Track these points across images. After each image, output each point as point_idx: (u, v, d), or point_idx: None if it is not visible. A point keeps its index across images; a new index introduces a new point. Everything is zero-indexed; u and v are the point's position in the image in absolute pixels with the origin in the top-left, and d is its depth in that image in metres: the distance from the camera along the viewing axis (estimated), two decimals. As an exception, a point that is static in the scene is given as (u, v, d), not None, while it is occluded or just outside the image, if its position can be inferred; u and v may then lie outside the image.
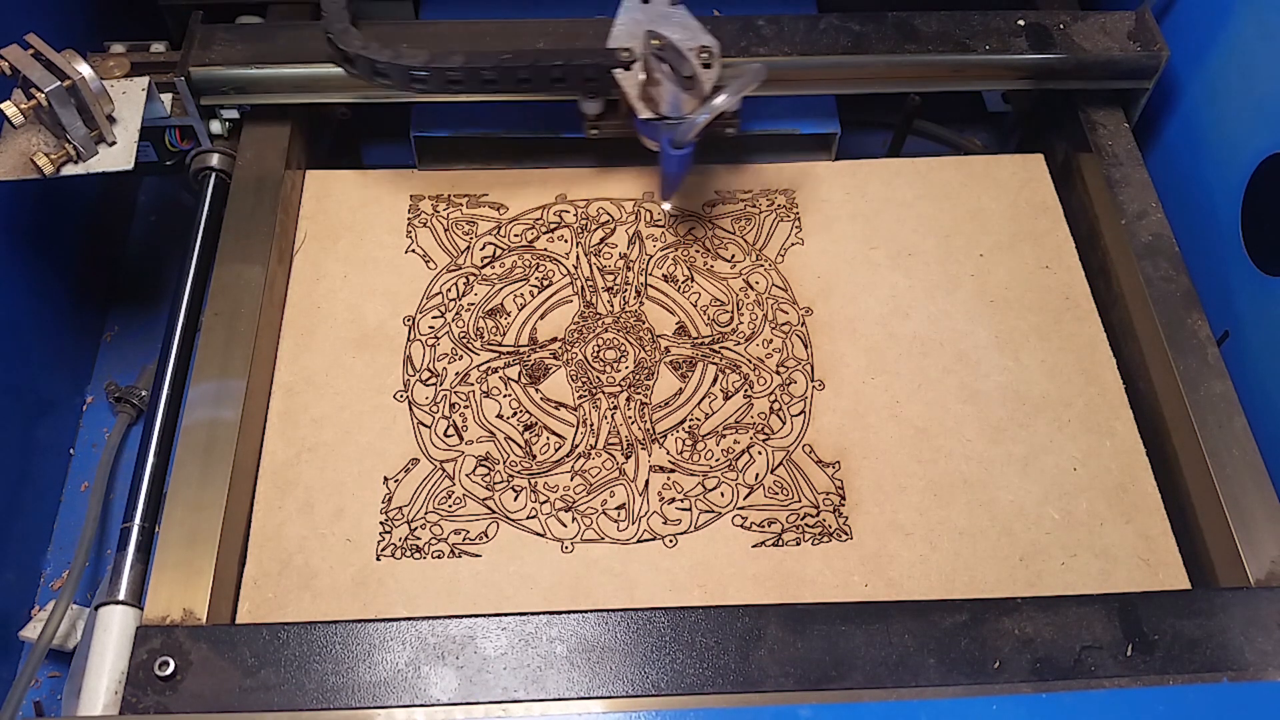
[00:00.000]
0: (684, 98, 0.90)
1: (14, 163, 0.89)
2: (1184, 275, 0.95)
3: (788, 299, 0.99)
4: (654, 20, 0.93)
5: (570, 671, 0.74)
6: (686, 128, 0.89)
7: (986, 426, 0.92)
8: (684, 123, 0.90)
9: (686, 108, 0.90)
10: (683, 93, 0.90)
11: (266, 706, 0.73)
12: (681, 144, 0.91)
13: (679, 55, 0.89)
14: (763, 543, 0.86)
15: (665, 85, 0.90)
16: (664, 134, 0.92)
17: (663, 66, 0.89)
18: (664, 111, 0.91)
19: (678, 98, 0.90)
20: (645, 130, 0.95)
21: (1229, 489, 0.84)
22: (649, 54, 0.90)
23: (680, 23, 0.93)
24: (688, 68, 0.89)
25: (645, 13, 0.93)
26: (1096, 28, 1.05)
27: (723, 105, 0.88)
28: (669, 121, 0.91)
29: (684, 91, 0.90)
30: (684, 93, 0.90)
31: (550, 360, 0.95)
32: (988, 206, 1.05)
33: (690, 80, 0.89)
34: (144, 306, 1.16)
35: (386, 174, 1.06)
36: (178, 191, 1.21)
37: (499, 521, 0.87)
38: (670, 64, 0.89)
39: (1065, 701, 0.68)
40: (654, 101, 0.91)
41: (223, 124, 1.03)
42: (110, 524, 1.01)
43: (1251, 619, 0.77)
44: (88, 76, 0.88)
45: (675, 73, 0.89)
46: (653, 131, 0.94)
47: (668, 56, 0.89)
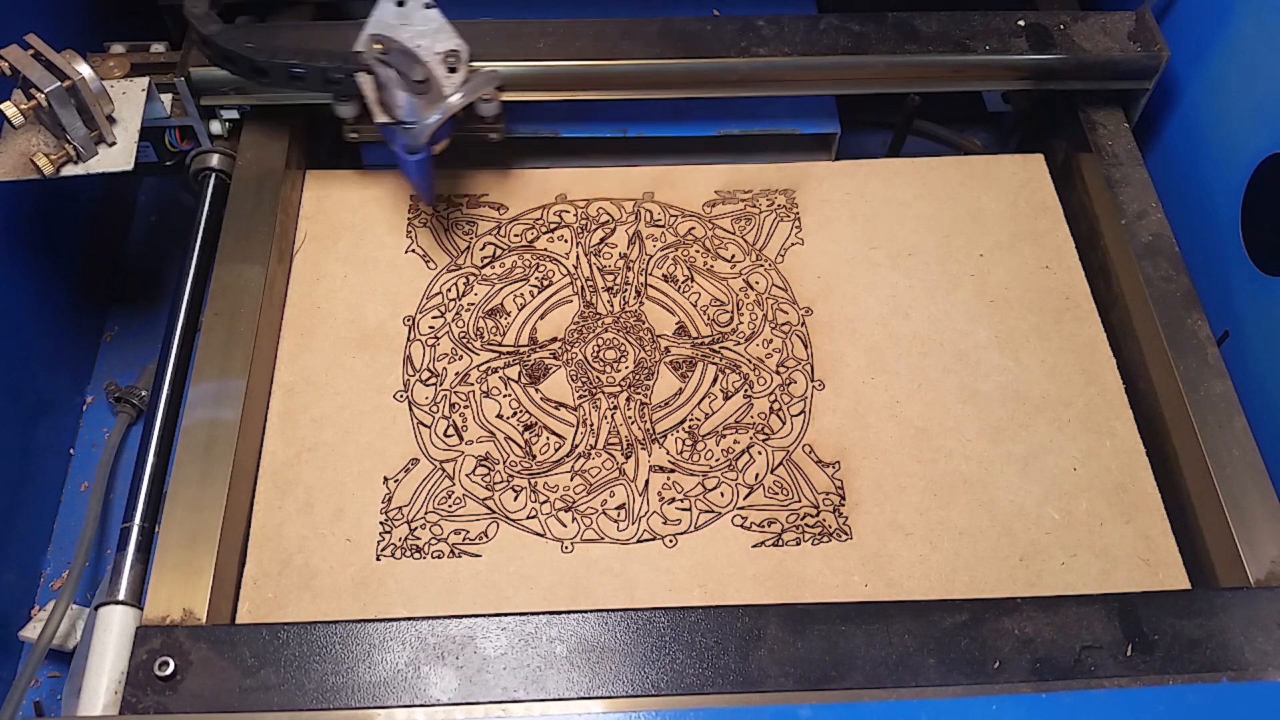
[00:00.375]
0: (419, 102, 0.88)
1: (14, 163, 0.89)
2: (1184, 275, 0.95)
3: (788, 299, 0.99)
4: (405, 22, 0.91)
5: (570, 671, 0.74)
6: (419, 132, 0.88)
7: (986, 426, 0.92)
8: (417, 127, 0.88)
9: (424, 112, 0.88)
10: (416, 97, 0.88)
11: (266, 706, 0.73)
12: (415, 149, 0.90)
13: (409, 59, 0.88)
14: (763, 543, 0.86)
15: (395, 90, 0.89)
16: (400, 139, 0.91)
17: (389, 71, 0.88)
18: (400, 116, 0.90)
19: (411, 102, 0.88)
20: (386, 135, 0.93)
21: (1229, 489, 0.84)
22: (373, 59, 0.89)
23: (432, 25, 0.91)
24: (420, 71, 0.88)
25: (398, 15, 0.91)
26: (1097, 28, 1.05)
27: (454, 107, 0.87)
28: (405, 126, 0.90)
29: (418, 95, 0.88)
30: (418, 97, 0.88)
31: (550, 360, 0.95)
32: (988, 206, 1.05)
33: (424, 84, 0.88)
34: (144, 306, 1.16)
35: (386, 174, 1.06)
36: (178, 192, 1.21)
37: (499, 521, 0.87)
38: (398, 68, 0.88)
39: (1065, 701, 0.68)
40: (390, 106, 0.90)
41: (222, 124, 1.03)
42: (110, 524, 1.01)
43: (1251, 619, 0.77)
44: (88, 77, 0.88)
45: (403, 77, 0.87)
46: (391, 136, 0.92)
47: (394, 61, 0.88)
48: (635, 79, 1.02)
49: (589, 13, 1.05)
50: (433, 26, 0.91)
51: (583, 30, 1.02)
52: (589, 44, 1.01)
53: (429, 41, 0.91)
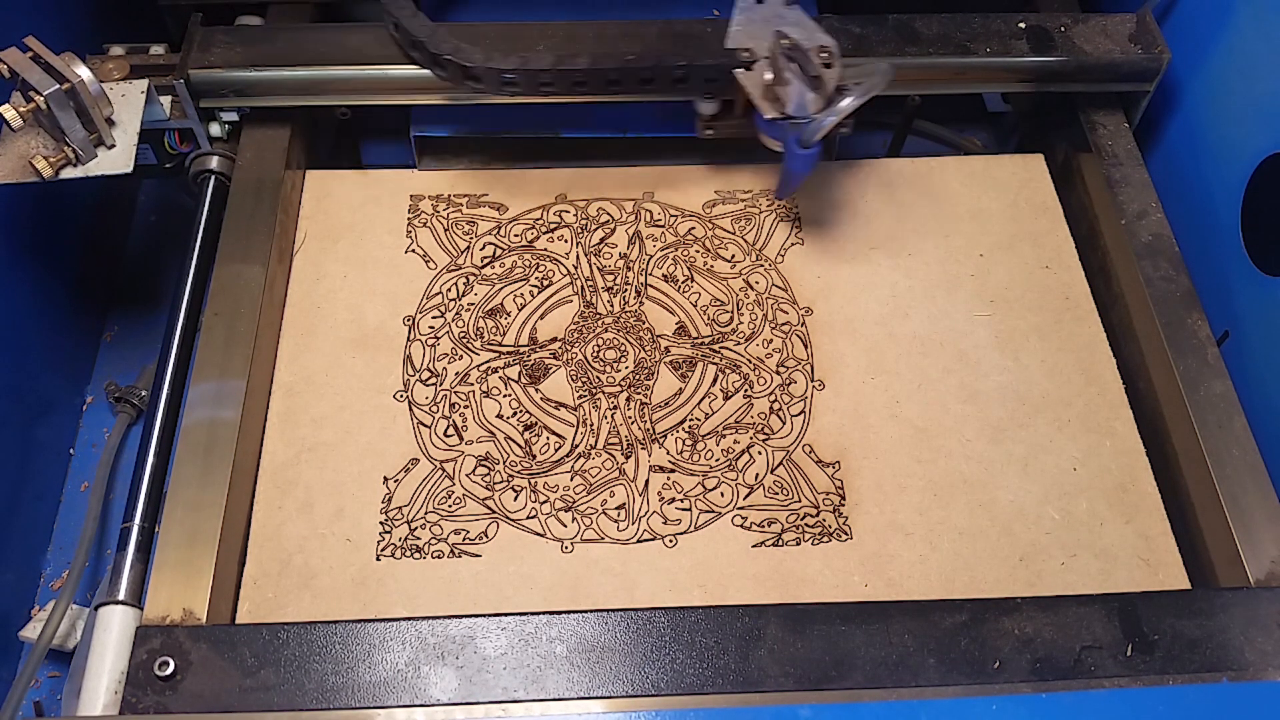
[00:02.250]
0: (810, 97, 0.90)
1: (13, 166, 0.89)
2: (1184, 275, 0.95)
3: (788, 299, 0.99)
4: (770, 20, 0.93)
5: (570, 671, 0.74)
6: (814, 127, 0.90)
7: (986, 426, 0.92)
8: (811, 122, 0.90)
9: (812, 107, 0.90)
10: (809, 92, 0.90)
11: (266, 706, 0.73)
12: (809, 143, 0.91)
13: (806, 55, 0.90)
14: (763, 543, 0.86)
15: (793, 85, 0.90)
16: (791, 133, 0.92)
17: (791, 66, 0.90)
18: (790, 111, 0.91)
19: (804, 97, 0.90)
20: (769, 130, 0.95)
21: (1229, 489, 0.84)
22: (778, 53, 0.91)
23: (797, 22, 0.93)
24: (814, 67, 0.89)
25: (760, 13, 0.94)
26: (1097, 30, 1.05)
27: (851, 106, 0.88)
28: (795, 121, 0.91)
29: (811, 91, 0.90)
30: (810, 92, 0.90)
31: (550, 360, 0.95)
32: (988, 206, 1.05)
33: (817, 80, 0.90)
34: (144, 307, 1.16)
35: (386, 174, 1.06)
36: (178, 192, 1.21)
37: (499, 521, 0.87)
38: (799, 63, 0.89)
39: (1065, 701, 0.68)
40: (779, 101, 0.92)
41: (222, 126, 1.03)
42: (110, 524, 1.01)
43: (1251, 619, 0.77)
44: (87, 79, 0.87)
45: (804, 72, 0.89)
46: (778, 131, 0.94)
47: (797, 56, 0.90)
48: (636, 80, 1.02)
49: (589, 14, 1.05)
50: (798, 23, 0.93)
51: (583, 32, 1.02)
52: (589, 46, 1.01)
53: (801, 37, 0.92)
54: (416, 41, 0.95)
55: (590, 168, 1.07)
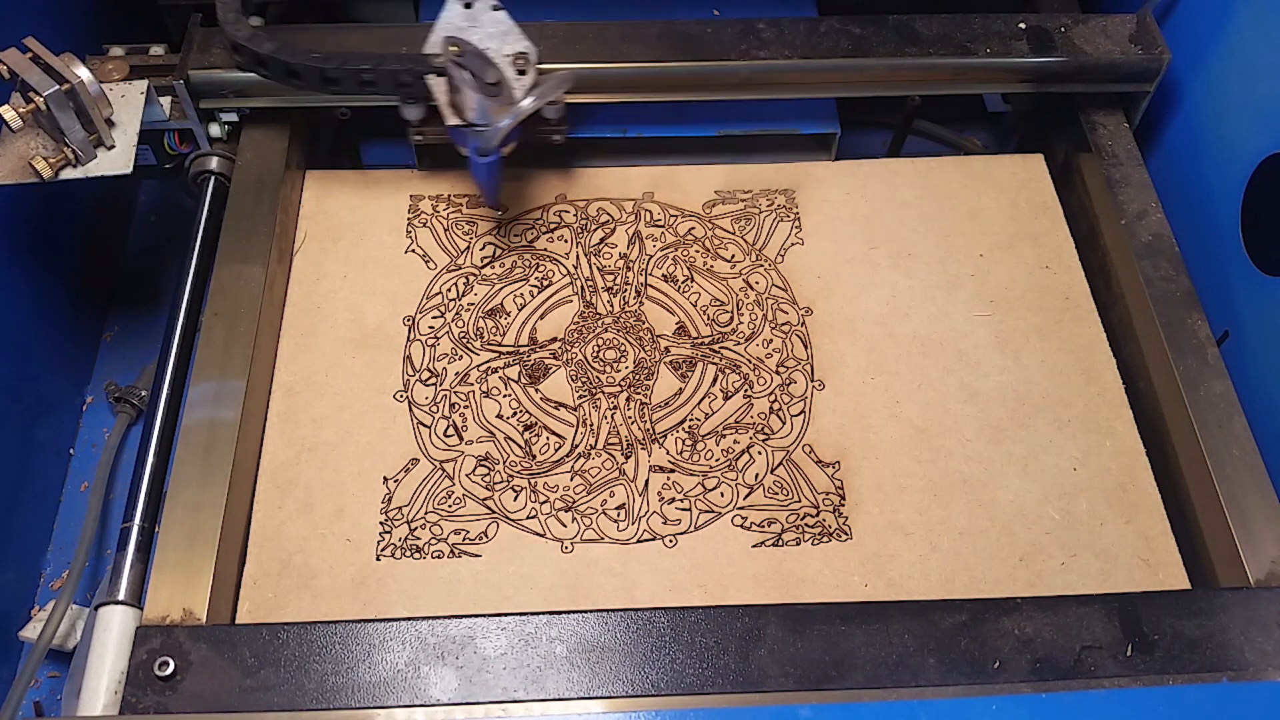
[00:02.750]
0: (491, 104, 0.88)
1: (12, 167, 0.89)
2: (1184, 275, 0.95)
3: (788, 299, 0.99)
4: (473, 24, 0.91)
5: (570, 671, 0.74)
6: (491, 134, 0.88)
7: (986, 426, 0.92)
8: (489, 129, 0.88)
9: (495, 114, 0.88)
10: (489, 99, 0.88)
11: (266, 706, 0.73)
12: (487, 151, 0.90)
13: (482, 61, 0.88)
14: (763, 543, 0.86)
15: (468, 92, 0.88)
16: (471, 141, 0.91)
17: (463, 73, 0.88)
18: (471, 118, 0.90)
19: (484, 104, 0.88)
20: (456, 137, 0.93)
21: (1229, 489, 0.84)
22: (448, 60, 0.89)
23: (500, 27, 0.91)
24: (493, 74, 0.88)
25: (466, 17, 0.91)
26: (1098, 31, 1.05)
27: (527, 110, 0.87)
28: (477, 128, 0.90)
29: (490, 98, 0.88)
30: (490, 99, 0.88)
31: (550, 360, 0.95)
32: (988, 206, 1.05)
33: (496, 86, 0.88)
34: (144, 307, 1.16)
35: (386, 174, 1.06)
36: (177, 192, 1.21)
37: (499, 521, 0.87)
38: (471, 70, 0.87)
39: (1065, 701, 0.68)
40: (461, 109, 0.90)
41: (222, 127, 1.03)
42: (110, 524, 1.01)
43: (1251, 619, 0.77)
44: (86, 80, 0.87)
45: (477, 79, 0.87)
46: (462, 138, 0.92)
47: (468, 63, 0.88)
48: (635, 82, 1.02)
49: (589, 16, 1.05)
50: (501, 28, 0.92)
51: (583, 33, 1.02)
52: (589, 47, 1.01)
53: (498, 43, 0.91)
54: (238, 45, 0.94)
55: (590, 168, 1.07)
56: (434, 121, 0.94)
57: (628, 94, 1.03)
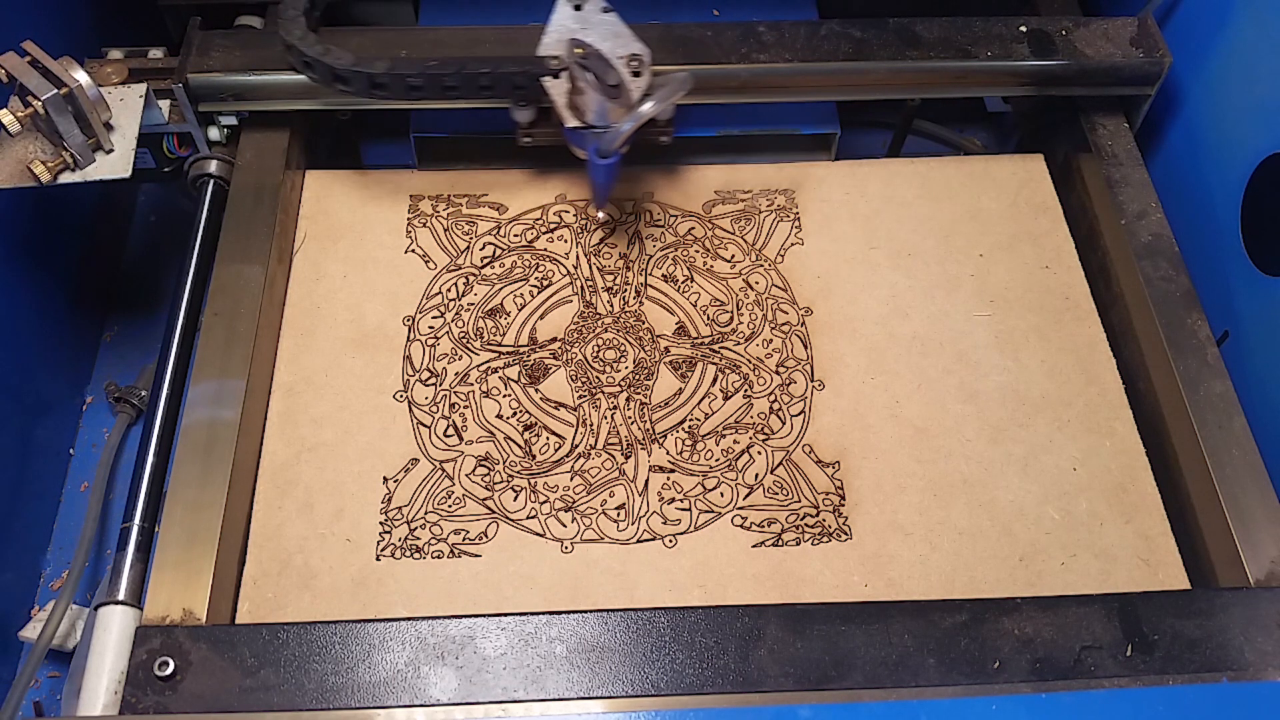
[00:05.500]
0: (610, 106, 0.89)
1: (11, 170, 0.89)
2: (1184, 275, 0.95)
3: (787, 299, 0.99)
4: (584, 27, 0.91)
5: (570, 671, 0.74)
6: (612, 136, 0.89)
7: (986, 426, 0.92)
8: (609, 131, 0.89)
9: (613, 116, 0.89)
10: (609, 101, 0.88)
11: (266, 706, 0.73)
12: (607, 153, 0.90)
13: (604, 63, 0.88)
14: (763, 543, 0.86)
15: (590, 94, 0.89)
16: (590, 143, 0.91)
17: (587, 75, 0.88)
18: (590, 120, 0.90)
19: (604, 106, 0.89)
20: (573, 139, 0.94)
21: (1229, 489, 0.84)
22: (572, 62, 0.89)
23: (611, 30, 0.92)
24: (613, 76, 0.88)
25: (577, 19, 0.92)
26: (1099, 34, 1.05)
27: (648, 113, 0.87)
28: (595, 130, 0.90)
29: (610, 100, 0.88)
30: (610, 101, 0.88)
31: (550, 360, 0.95)
32: (988, 206, 1.05)
33: (616, 89, 0.88)
34: (143, 307, 1.16)
35: (386, 174, 1.06)
36: (177, 193, 1.21)
37: (499, 521, 0.87)
38: (594, 72, 0.88)
39: (1065, 701, 0.68)
40: (580, 110, 0.91)
41: (221, 130, 1.03)
42: (110, 524, 1.01)
43: (1251, 619, 0.77)
44: (85, 84, 0.87)
45: (600, 81, 0.88)
46: (580, 140, 0.93)
47: (592, 65, 0.88)
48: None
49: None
50: (613, 30, 0.92)
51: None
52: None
53: (611, 45, 0.91)
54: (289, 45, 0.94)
55: (590, 168, 1.07)
56: (542, 123, 0.96)
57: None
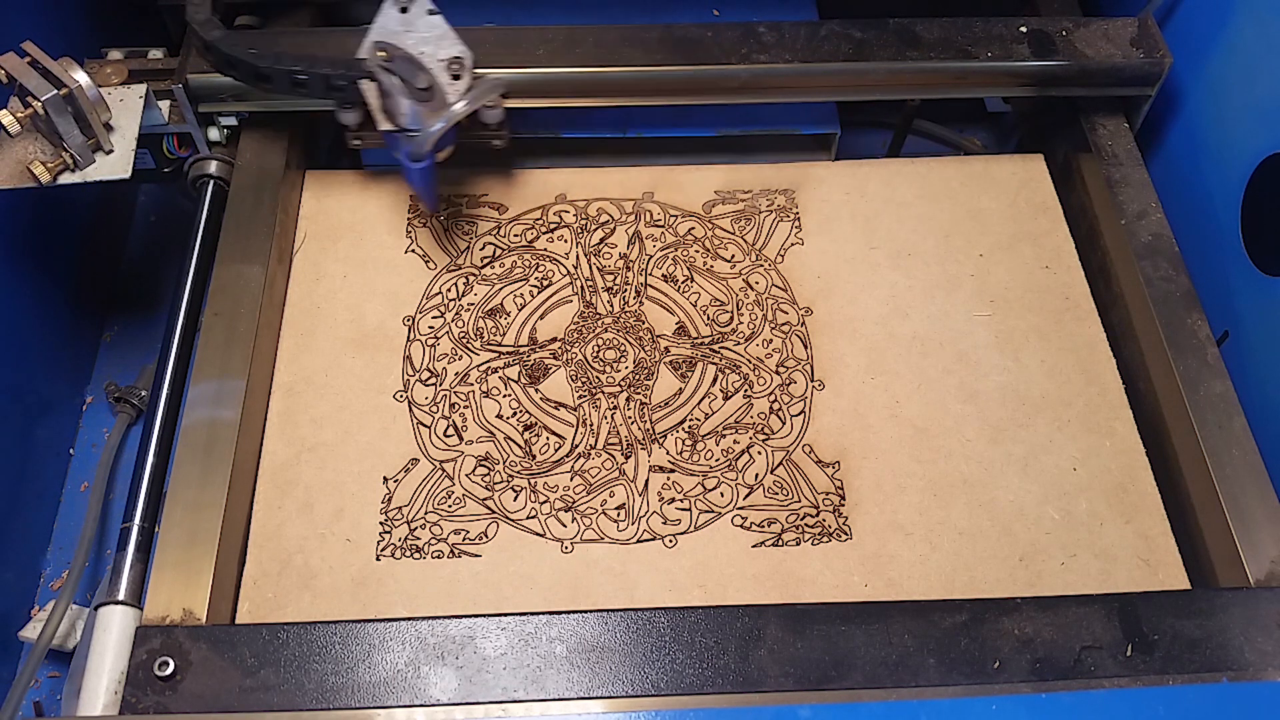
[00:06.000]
0: (423, 109, 0.88)
1: (10, 171, 0.88)
2: (1184, 275, 0.95)
3: (788, 299, 0.99)
4: (408, 29, 0.91)
5: (570, 671, 0.74)
6: (422, 139, 0.88)
7: (986, 426, 0.92)
8: (421, 134, 0.88)
9: (427, 120, 0.88)
10: (420, 104, 0.88)
11: (266, 706, 0.73)
12: (419, 156, 0.90)
13: (412, 66, 0.88)
14: (763, 543, 0.86)
15: (398, 98, 0.88)
16: (404, 146, 0.90)
17: (392, 79, 0.87)
18: (403, 124, 0.89)
19: (415, 109, 0.88)
20: (389, 142, 0.93)
21: (1229, 489, 0.84)
22: (376, 66, 0.89)
23: (435, 32, 0.91)
24: (424, 79, 0.87)
25: (401, 21, 0.91)
26: (1099, 34, 1.04)
27: (457, 115, 0.87)
28: (409, 133, 0.89)
29: (421, 103, 0.88)
30: (422, 104, 0.88)
31: (550, 360, 0.95)
32: (987, 206, 1.05)
33: (427, 92, 0.87)
34: (144, 307, 1.16)
35: (386, 174, 1.06)
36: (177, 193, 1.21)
37: (499, 521, 0.87)
38: (401, 75, 0.87)
39: (1065, 701, 0.68)
40: (393, 114, 0.90)
41: (221, 131, 1.03)
42: (110, 524, 1.01)
43: (1251, 619, 0.77)
44: (84, 85, 0.87)
45: (407, 84, 0.87)
46: (394, 143, 0.92)
47: (398, 68, 0.87)
48: (635, 85, 1.02)
49: (589, 19, 1.05)
50: (436, 33, 0.91)
51: (582, 36, 1.02)
52: (589, 50, 1.01)
53: (432, 48, 0.90)
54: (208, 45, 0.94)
55: (590, 168, 1.07)
56: (372, 125, 0.94)
57: (628, 98, 1.03)
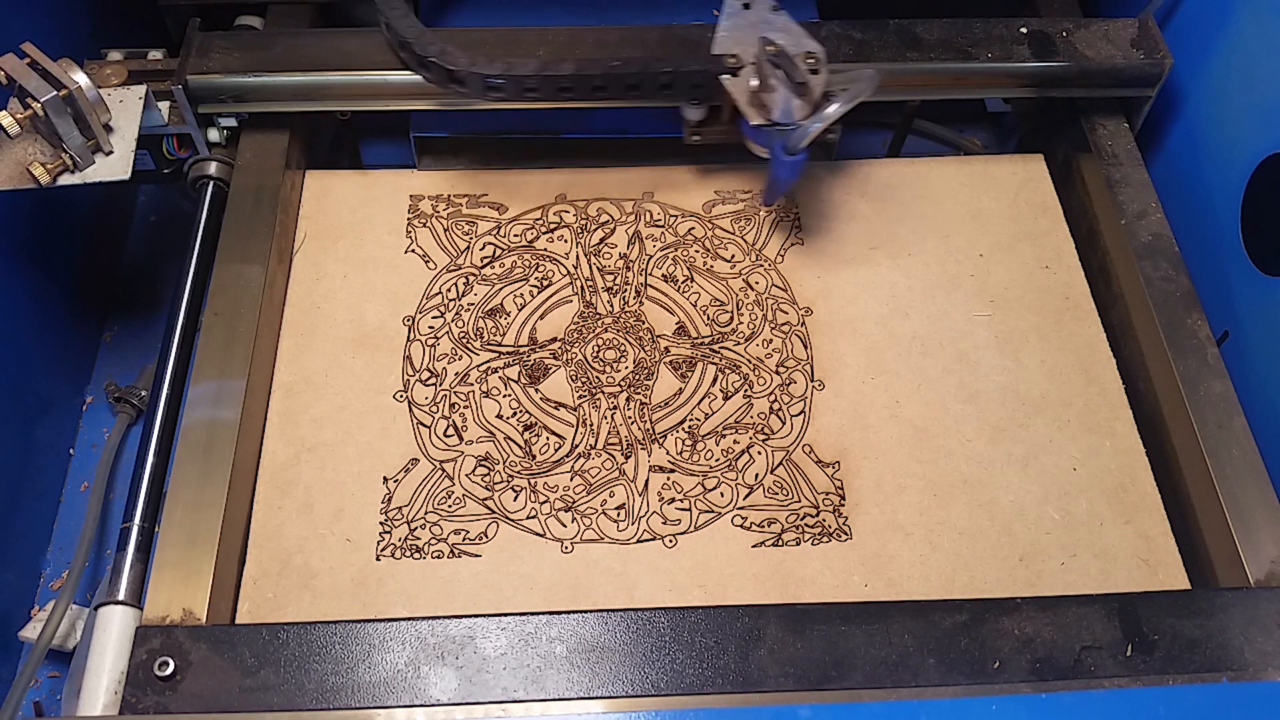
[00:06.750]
0: (796, 103, 0.90)
1: (10, 172, 0.88)
2: (1184, 275, 0.95)
3: (787, 299, 0.99)
4: (756, 26, 0.93)
5: (570, 671, 0.74)
6: (800, 134, 0.89)
7: (986, 426, 0.92)
8: (798, 129, 0.89)
9: (798, 113, 0.90)
10: (795, 98, 0.90)
11: (266, 706, 0.73)
12: (795, 150, 0.90)
13: (792, 61, 0.89)
14: (763, 543, 0.86)
15: (779, 91, 0.90)
16: (777, 140, 0.91)
17: (777, 72, 0.89)
18: (776, 117, 0.91)
19: (790, 103, 0.90)
20: (755, 136, 0.94)
21: (1229, 489, 0.84)
22: (763, 60, 0.90)
23: (784, 28, 0.93)
24: (800, 74, 0.89)
25: (747, 18, 0.93)
26: (1099, 35, 1.04)
27: (836, 113, 0.88)
28: (781, 127, 0.91)
29: (797, 97, 0.89)
30: (796, 98, 0.90)
31: (550, 360, 0.95)
32: (988, 206, 1.05)
33: (803, 86, 0.89)
34: (144, 307, 1.16)
35: (386, 174, 1.06)
36: (177, 194, 1.21)
37: (499, 521, 0.87)
38: (785, 70, 0.89)
39: (1065, 701, 0.68)
40: (766, 107, 0.91)
41: (220, 132, 1.03)
42: (110, 524, 1.01)
43: (1251, 619, 0.77)
44: (84, 86, 0.87)
45: (789, 78, 0.89)
46: (764, 138, 0.93)
47: (782, 62, 0.89)
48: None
49: (589, 20, 1.05)
50: (785, 28, 0.93)
51: (583, 37, 1.02)
52: (590, 51, 1.01)
53: (788, 43, 0.92)
54: (404, 42, 0.94)
55: (590, 168, 1.07)
56: (712, 122, 0.96)
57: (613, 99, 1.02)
